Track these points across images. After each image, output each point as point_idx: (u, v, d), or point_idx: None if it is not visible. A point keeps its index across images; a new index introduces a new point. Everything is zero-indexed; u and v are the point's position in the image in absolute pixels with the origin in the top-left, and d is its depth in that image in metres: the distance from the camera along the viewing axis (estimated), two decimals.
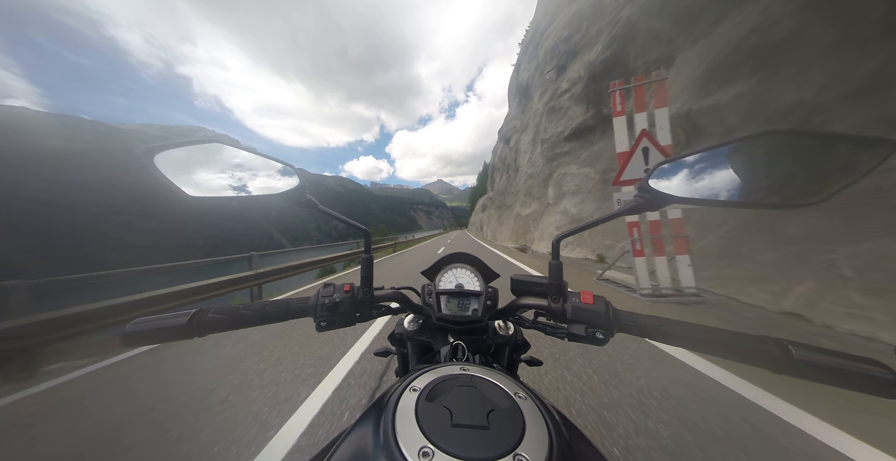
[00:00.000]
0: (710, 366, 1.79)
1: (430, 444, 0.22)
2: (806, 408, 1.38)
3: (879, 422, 1.30)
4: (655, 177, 0.39)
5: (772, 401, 1.44)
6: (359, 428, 0.27)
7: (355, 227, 0.49)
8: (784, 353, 0.30)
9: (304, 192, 0.44)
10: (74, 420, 1.57)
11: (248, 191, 0.42)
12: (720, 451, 1.16)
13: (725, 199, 0.33)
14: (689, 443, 1.21)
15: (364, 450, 0.24)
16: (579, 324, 0.42)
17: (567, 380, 1.70)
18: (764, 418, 1.35)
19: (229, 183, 0.41)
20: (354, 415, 1.44)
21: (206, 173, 0.40)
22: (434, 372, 0.32)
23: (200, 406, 1.61)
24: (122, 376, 2.10)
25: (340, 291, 0.47)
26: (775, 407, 1.41)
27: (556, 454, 0.23)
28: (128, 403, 1.69)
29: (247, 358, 2.24)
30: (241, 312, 0.43)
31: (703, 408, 1.42)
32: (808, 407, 1.39)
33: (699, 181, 0.36)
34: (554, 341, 2.08)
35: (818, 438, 1.22)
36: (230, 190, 0.41)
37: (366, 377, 1.82)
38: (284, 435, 1.34)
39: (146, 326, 0.39)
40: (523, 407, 0.27)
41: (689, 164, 0.37)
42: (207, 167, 0.40)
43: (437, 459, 0.21)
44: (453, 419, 0.25)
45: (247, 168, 0.42)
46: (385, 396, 0.30)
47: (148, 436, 1.39)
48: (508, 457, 0.22)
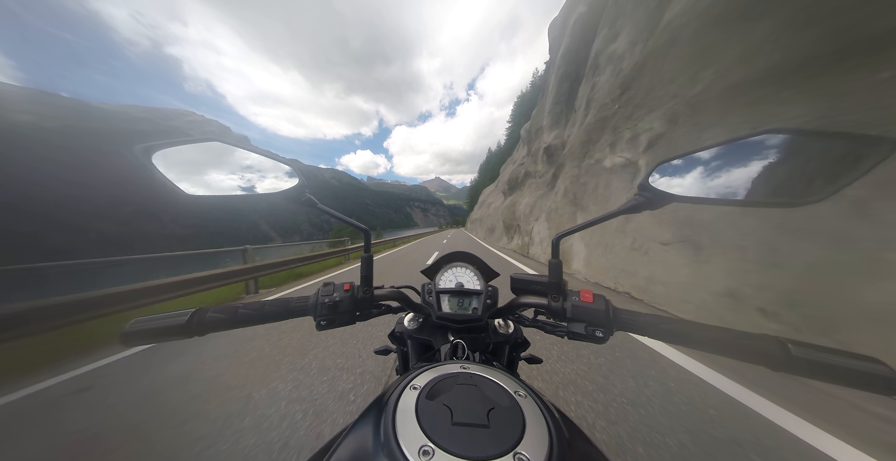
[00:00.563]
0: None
1: (431, 443, 0.22)
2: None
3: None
4: (655, 175, 0.39)
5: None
6: (359, 426, 0.27)
7: (355, 226, 0.49)
8: (782, 351, 0.30)
9: (304, 191, 0.44)
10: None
11: (247, 189, 0.41)
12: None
13: (725, 197, 0.33)
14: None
15: (364, 448, 0.24)
16: (579, 322, 0.42)
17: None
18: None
19: (228, 181, 0.41)
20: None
21: (205, 172, 0.40)
22: (434, 370, 0.33)
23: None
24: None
25: (340, 290, 0.47)
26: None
27: (556, 452, 0.23)
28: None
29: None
30: (240, 311, 0.43)
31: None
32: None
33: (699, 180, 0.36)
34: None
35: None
36: (229, 189, 0.40)
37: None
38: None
39: (145, 326, 0.39)
40: (523, 405, 0.27)
41: (688, 162, 0.37)
42: (206, 165, 0.40)
43: (437, 458, 0.21)
44: (453, 417, 0.25)
45: (246, 167, 0.42)
46: (385, 395, 0.30)
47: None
48: (508, 456, 0.22)
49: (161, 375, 1.97)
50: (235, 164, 0.42)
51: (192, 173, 0.38)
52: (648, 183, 0.39)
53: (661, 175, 0.39)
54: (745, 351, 0.32)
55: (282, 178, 0.44)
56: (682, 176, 0.37)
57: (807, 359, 0.29)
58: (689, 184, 0.36)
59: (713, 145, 0.34)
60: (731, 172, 0.33)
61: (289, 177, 0.44)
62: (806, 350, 0.30)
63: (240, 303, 0.44)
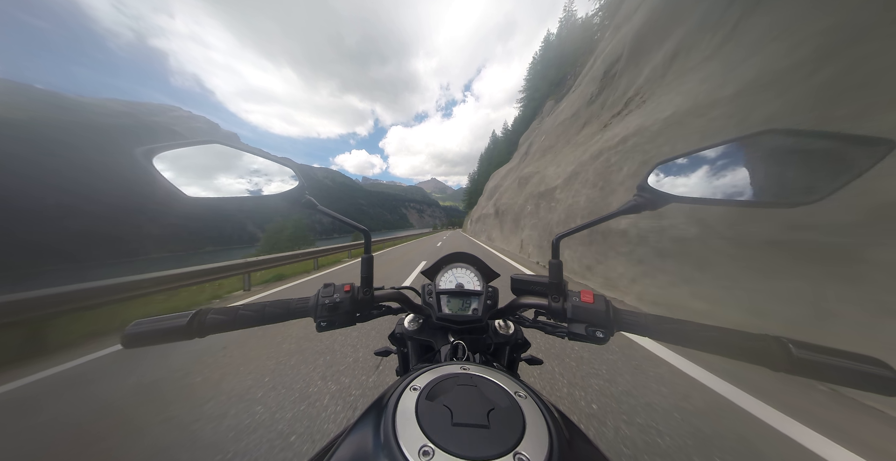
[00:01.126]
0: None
1: (431, 443, 0.22)
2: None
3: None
4: (655, 176, 0.39)
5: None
6: (359, 427, 0.27)
7: (355, 227, 0.49)
8: (784, 352, 0.30)
9: (304, 193, 0.44)
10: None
11: (247, 192, 0.42)
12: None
13: (724, 198, 0.33)
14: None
15: (365, 449, 0.24)
16: (579, 323, 0.42)
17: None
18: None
19: (230, 184, 0.41)
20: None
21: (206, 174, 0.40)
22: (434, 371, 0.33)
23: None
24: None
25: (341, 291, 0.47)
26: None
27: (556, 452, 0.23)
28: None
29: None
30: (241, 313, 0.43)
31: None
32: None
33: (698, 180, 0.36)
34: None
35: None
36: (230, 191, 0.41)
37: None
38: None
39: (146, 328, 0.39)
40: (523, 406, 0.27)
41: (688, 163, 0.37)
42: (207, 168, 0.40)
43: (437, 458, 0.21)
44: (453, 418, 0.25)
45: (246, 169, 0.42)
46: (385, 396, 0.30)
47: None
48: (509, 456, 0.22)
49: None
50: (236, 166, 0.42)
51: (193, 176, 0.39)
52: (647, 184, 0.39)
53: (660, 175, 0.39)
54: (745, 352, 0.32)
55: (282, 180, 0.44)
56: (681, 176, 0.37)
57: (807, 360, 0.29)
58: (688, 184, 0.36)
59: (712, 145, 0.34)
60: (729, 173, 0.33)
61: (289, 178, 0.44)
62: (806, 350, 0.30)
63: (240, 305, 0.44)
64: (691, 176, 0.36)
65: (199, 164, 0.39)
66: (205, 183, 0.40)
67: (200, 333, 0.40)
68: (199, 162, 0.39)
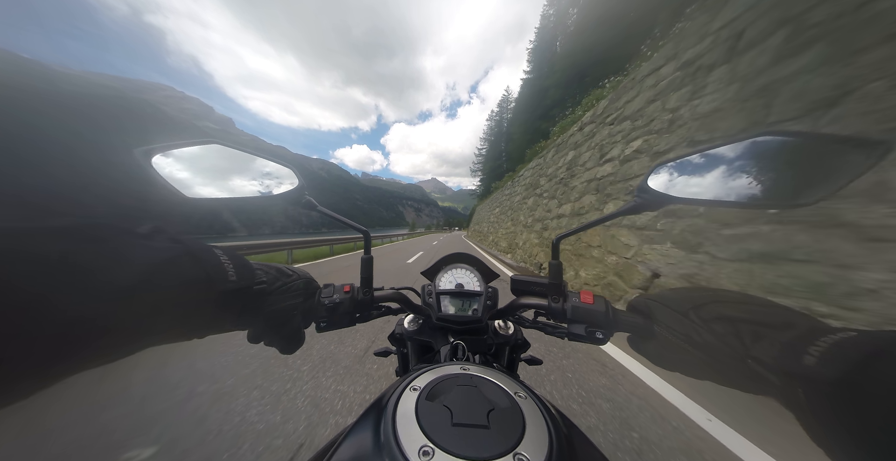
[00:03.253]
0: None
1: (431, 443, 0.22)
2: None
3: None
4: (654, 177, 0.39)
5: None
6: (359, 427, 0.27)
7: (355, 227, 0.49)
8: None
9: (304, 193, 0.44)
10: None
11: (246, 192, 0.41)
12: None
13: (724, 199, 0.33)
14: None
15: (365, 449, 0.24)
16: (579, 323, 0.42)
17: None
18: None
19: (227, 184, 0.41)
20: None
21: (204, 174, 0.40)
22: (434, 371, 0.33)
23: None
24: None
25: (340, 292, 0.47)
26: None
27: (556, 453, 0.23)
28: None
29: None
30: None
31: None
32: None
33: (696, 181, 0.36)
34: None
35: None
36: (228, 191, 0.40)
37: None
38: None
39: None
40: (523, 406, 0.27)
41: (688, 163, 0.37)
42: (205, 168, 0.40)
43: (437, 458, 0.21)
44: (453, 418, 0.25)
45: (245, 169, 0.42)
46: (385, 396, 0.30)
47: None
48: (508, 457, 0.22)
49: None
50: (235, 166, 0.42)
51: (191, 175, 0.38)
52: (647, 185, 0.39)
53: (660, 176, 0.39)
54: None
55: (282, 181, 0.44)
56: (680, 177, 0.37)
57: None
58: (687, 185, 0.36)
59: (711, 147, 0.34)
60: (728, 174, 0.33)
61: (289, 178, 0.44)
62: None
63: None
64: (690, 177, 0.37)
65: (199, 164, 0.39)
66: (204, 183, 0.39)
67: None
68: (199, 162, 0.39)
